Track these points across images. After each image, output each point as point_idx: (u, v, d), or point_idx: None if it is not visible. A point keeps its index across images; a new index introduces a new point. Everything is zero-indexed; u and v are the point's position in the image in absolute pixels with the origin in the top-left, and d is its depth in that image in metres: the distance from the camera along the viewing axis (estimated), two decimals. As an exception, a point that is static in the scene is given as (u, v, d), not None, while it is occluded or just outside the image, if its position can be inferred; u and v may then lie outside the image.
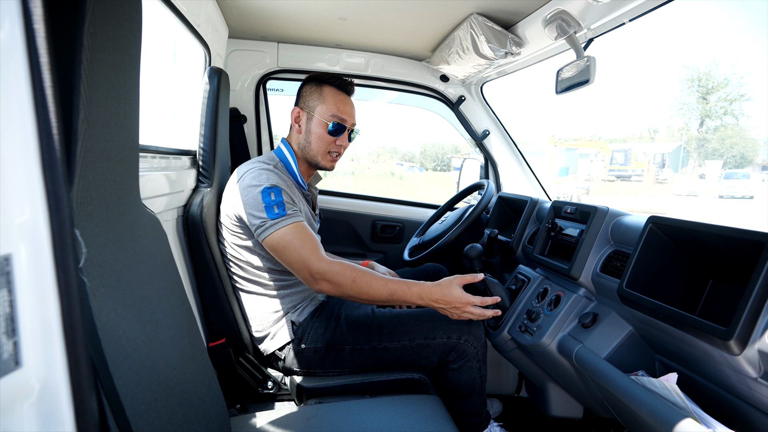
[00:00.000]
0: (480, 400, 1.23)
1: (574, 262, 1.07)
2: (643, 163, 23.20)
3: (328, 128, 1.24)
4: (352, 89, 1.30)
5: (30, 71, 0.30)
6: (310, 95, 1.26)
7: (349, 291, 1.06)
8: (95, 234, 0.53)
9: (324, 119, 1.24)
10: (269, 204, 1.09)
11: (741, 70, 41.90)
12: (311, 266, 1.06)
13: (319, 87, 1.26)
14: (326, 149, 1.26)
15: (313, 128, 1.25)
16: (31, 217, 0.30)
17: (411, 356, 1.19)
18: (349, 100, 1.28)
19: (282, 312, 1.22)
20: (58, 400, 0.32)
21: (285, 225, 1.07)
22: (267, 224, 1.07)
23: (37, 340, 0.31)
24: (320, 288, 1.07)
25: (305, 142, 1.26)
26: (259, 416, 1.03)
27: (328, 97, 1.24)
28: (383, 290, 1.06)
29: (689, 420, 0.67)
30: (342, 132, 1.26)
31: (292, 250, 1.07)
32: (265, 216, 1.08)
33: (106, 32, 0.50)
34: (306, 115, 1.26)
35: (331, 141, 1.25)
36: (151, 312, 0.63)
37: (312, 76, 1.29)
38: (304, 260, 1.06)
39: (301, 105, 1.27)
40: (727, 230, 0.71)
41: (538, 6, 1.18)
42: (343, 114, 1.25)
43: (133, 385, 0.52)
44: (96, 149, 0.51)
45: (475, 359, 1.20)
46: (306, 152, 1.27)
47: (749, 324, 0.63)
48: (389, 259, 1.98)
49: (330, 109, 1.24)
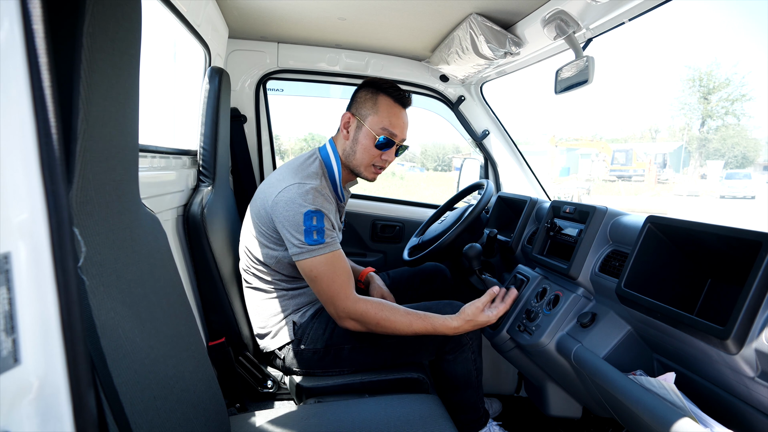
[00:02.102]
0: (476, 394, 1.24)
1: (573, 261, 1.07)
2: (644, 164, 23.19)
3: (376, 141, 1.20)
4: (409, 102, 1.25)
5: (29, 71, 0.30)
6: (364, 102, 1.22)
7: (374, 329, 1.10)
8: (95, 233, 0.53)
9: (374, 131, 1.20)
10: (309, 228, 1.07)
11: (742, 70, 41.89)
12: (338, 304, 1.09)
13: (375, 95, 1.21)
14: (370, 161, 1.23)
15: (361, 138, 1.21)
16: (30, 215, 0.30)
17: (409, 350, 1.20)
18: (403, 113, 1.23)
19: (285, 312, 1.22)
20: (57, 397, 0.32)
21: (321, 254, 1.08)
22: (304, 249, 1.07)
23: (36, 337, 0.31)
24: (344, 324, 1.11)
25: (351, 150, 1.23)
26: (258, 415, 1.03)
27: (382, 108, 1.20)
28: (407, 331, 1.11)
29: (687, 419, 0.67)
30: (390, 146, 1.22)
31: (323, 282, 1.09)
32: (302, 240, 1.07)
33: (105, 32, 0.50)
34: (356, 122, 1.22)
35: (377, 154, 1.22)
36: (151, 311, 0.63)
37: (369, 82, 1.24)
38: (333, 296, 1.09)
39: (353, 111, 1.23)
40: (725, 230, 0.71)
41: (537, 6, 1.18)
42: (395, 128, 1.21)
43: (132, 383, 0.52)
44: (95, 149, 0.51)
45: (470, 350, 1.21)
46: (350, 160, 1.24)
47: (746, 323, 0.63)
48: (389, 258, 1.98)
49: (382, 121, 1.20)
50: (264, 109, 1.88)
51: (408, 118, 1.26)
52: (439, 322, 1.11)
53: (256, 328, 1.25)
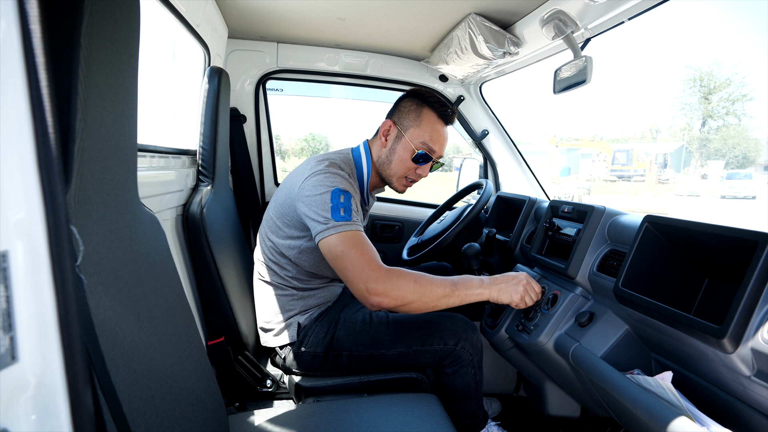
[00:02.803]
0: (476, 403, 1.23)
1: (571, 261, 1.07)
2: (645, 164, 23.18)
3: (414, 155, 1.18)
4: (453, 120, 1.22)
5: (26, 71, 0.30)
6: (408, 113, 1.20)
7: (405, 306, 1.00)
8: (93, 232, 0.53)
9: (413, 144, 1.18)
10: (336, 205, 1.03)
11: (743, 70, 41.84)
12: (368, 277, 0.98)
13: (420, 108, 1.19)
14: (404, 173, 1.21)
15: (399, 149, 1.19)
16: (27, 214, 0.31)
17: (408, 361, 1.19)
18: (445, 130, 1.22)
19: (292, 312, 1.22)
20: (55, 395, 0.32)
21: (347, 230, 1.01)
22: (330, 225, 1.01)
23: (34, 335, 0.31)
24: (373, 302, 0.99)
25: (386, 159, 1.21)
26: (257, 414, 1.03)
27: (425, 123, 1.18)
28: (440, 306, 1.01)
29: (683, 418, 0.67)
30: (427, 162, 1.21)
31: (350, 257, 0.99)
32: (329, 216, 1.02)
33: (104, 33, 0.51)
34: (397, 132, 1.20)
35: (412, 167, 1.20)
36: (149, 310, 0.63)
37: (415, 92, 1.21)
38: (361, 269, 0.98)
39: (395, 119, 1.21)
40: (722, 229, 0.72)
41: (535, 6, 1.18)
42: (435, 144, 1.19)
43: (130, 382, 0.53)
44: (93, 148, 0.52)
45: (470, 365, 1.19)
46: (383, 168, 1.22)
47: (742, 322, 0.63)
48: (388, 258, 1.98)
49: (423, 135, 1.18)
50: (263, 108, 1.88)
51: (449, 134, 1.24)
52: (469, 294, 1.03)
53: (261, 322, 1.25)
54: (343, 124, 46.54)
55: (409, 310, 1.01)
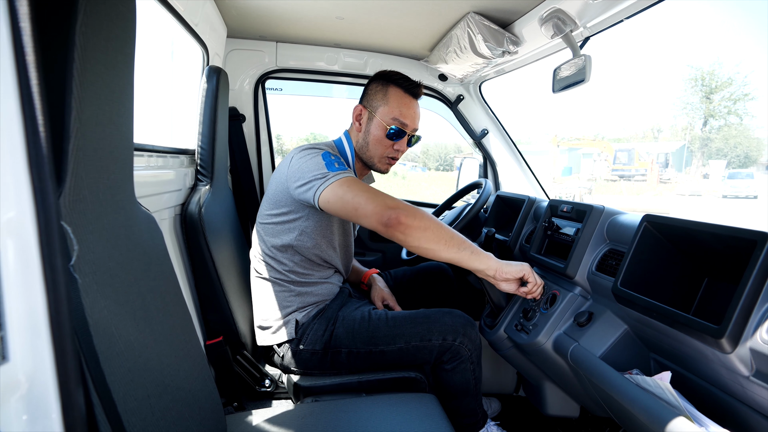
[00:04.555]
0: (475, 401, 1.23)
1: (570, 260, 1.07)
2: (646, 163, 23.13)
3: (387, 132, 1.21)
4: (420, 92, 1.26)
5: (16, 70, 0.30)
6: (374, 94, 1.24)
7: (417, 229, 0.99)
8: (87, 231, 0.53)
9: (384, 122, 1.21)
10: (330, 162, 1.08)
11: (745, 70, 41.67)
12: (384, 199, 1.01)
13: (385, 87, 1.23)
14: (383, 153, 1.24)
15: (373, 129, 1.23)
16: (17, 213, 0.31)
17: (407, 358, 1.19)
18: (414, 103, 1.24)
19: (290, 309, 1.23)
20: (46, 394, 0.32)
21: (347, 176, 1.05)
22: (329, 176, 1.05)
23: (25, 334, 0.31)
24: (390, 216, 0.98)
25: (363, 142, 1.25)
26: (255, 414, 1.03)
27: (392, 99, 1.22)
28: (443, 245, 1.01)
29: (682, 418, 0.67)
30: (401, 137, 1.23)
31: (358, 193, 1.01)
32: (326, 171, 1.06)
33: (99, 32, 0.51)
34: (367, 114, 1.24)
35: (389, 145, 1.23)
36: (145, 310, 0.63)
37: (380, 74, 1.25)
38: (374, 198, 1.00)
39: (364, 103, 1.25)
40: (721, 229, 0.71)
41: (534, 5, 1.18)
42: (405, 118, 1.22)
43: (125, 382, 0.52)
44: (89, 147, 0.52)
45: (468, 361, 1.19)
46: (363, 152, 1.26)
47: (741, 322, 0.63)
48: (387, 258, 1.98)
49: (392, 111, 1.21)
50: (263, 108, 1.88)
51: (419, 108, 1.27)
52: (473, 258, 1.03)
53: (258, 320, 1.25)
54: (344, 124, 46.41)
55: (420, 238, 0.99)
